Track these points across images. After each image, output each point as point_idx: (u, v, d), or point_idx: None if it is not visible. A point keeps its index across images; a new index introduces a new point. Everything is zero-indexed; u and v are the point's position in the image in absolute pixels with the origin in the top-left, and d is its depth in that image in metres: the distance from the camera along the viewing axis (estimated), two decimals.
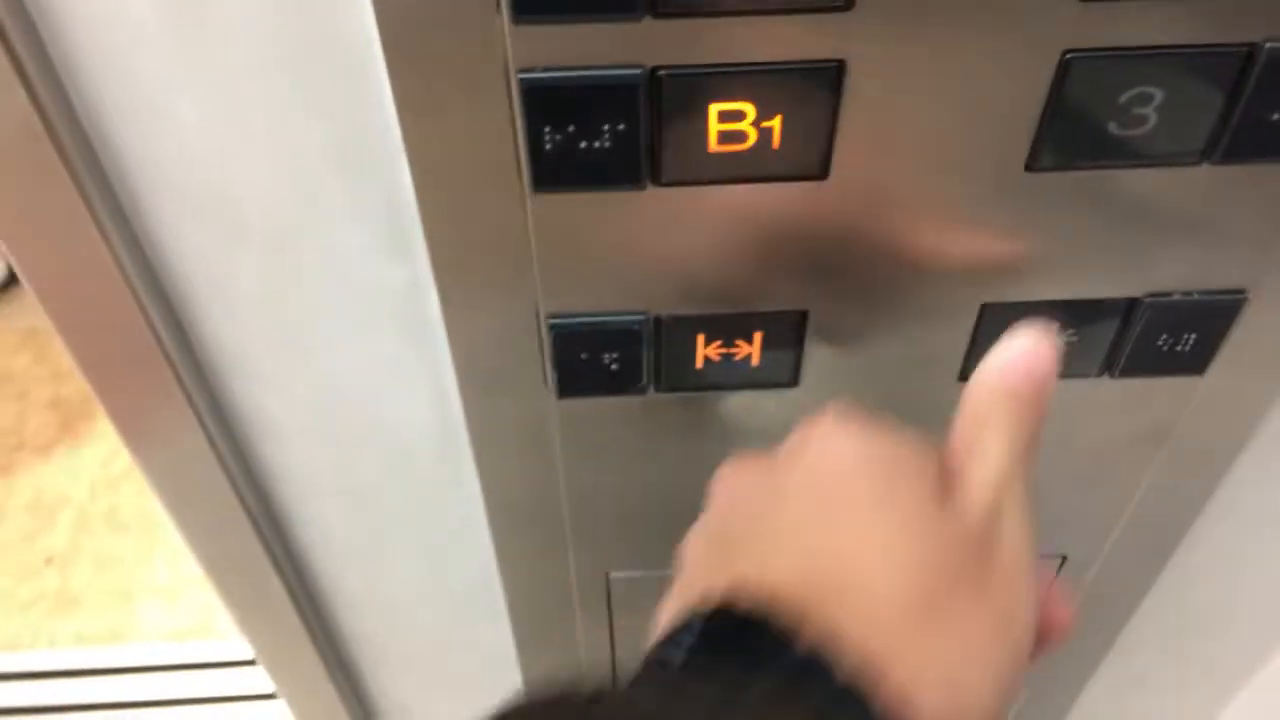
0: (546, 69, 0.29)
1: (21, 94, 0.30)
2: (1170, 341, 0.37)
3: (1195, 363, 0.38)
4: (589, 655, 0.56)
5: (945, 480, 0.31)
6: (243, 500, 0.45)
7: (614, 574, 0.50)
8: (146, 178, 0.35)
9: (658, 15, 0.28)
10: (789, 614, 0.26)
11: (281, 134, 0.34)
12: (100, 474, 1.67)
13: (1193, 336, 0.37)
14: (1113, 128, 0.31)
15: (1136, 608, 0.55)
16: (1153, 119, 0.30)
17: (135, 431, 0.42)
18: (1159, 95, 0.30)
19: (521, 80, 0.29)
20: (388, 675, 0.62)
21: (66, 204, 0.33)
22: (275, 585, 0.50)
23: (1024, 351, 0.31)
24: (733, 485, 0.35)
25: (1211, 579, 0.54)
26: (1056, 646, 0.32)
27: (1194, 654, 0.61)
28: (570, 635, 0.54)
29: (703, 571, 0.31)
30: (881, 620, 0.27)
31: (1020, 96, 0.30)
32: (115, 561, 1.54)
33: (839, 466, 0.31)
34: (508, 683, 0.61)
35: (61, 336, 0.37)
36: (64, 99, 0.32)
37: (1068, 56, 0.29)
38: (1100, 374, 0.39)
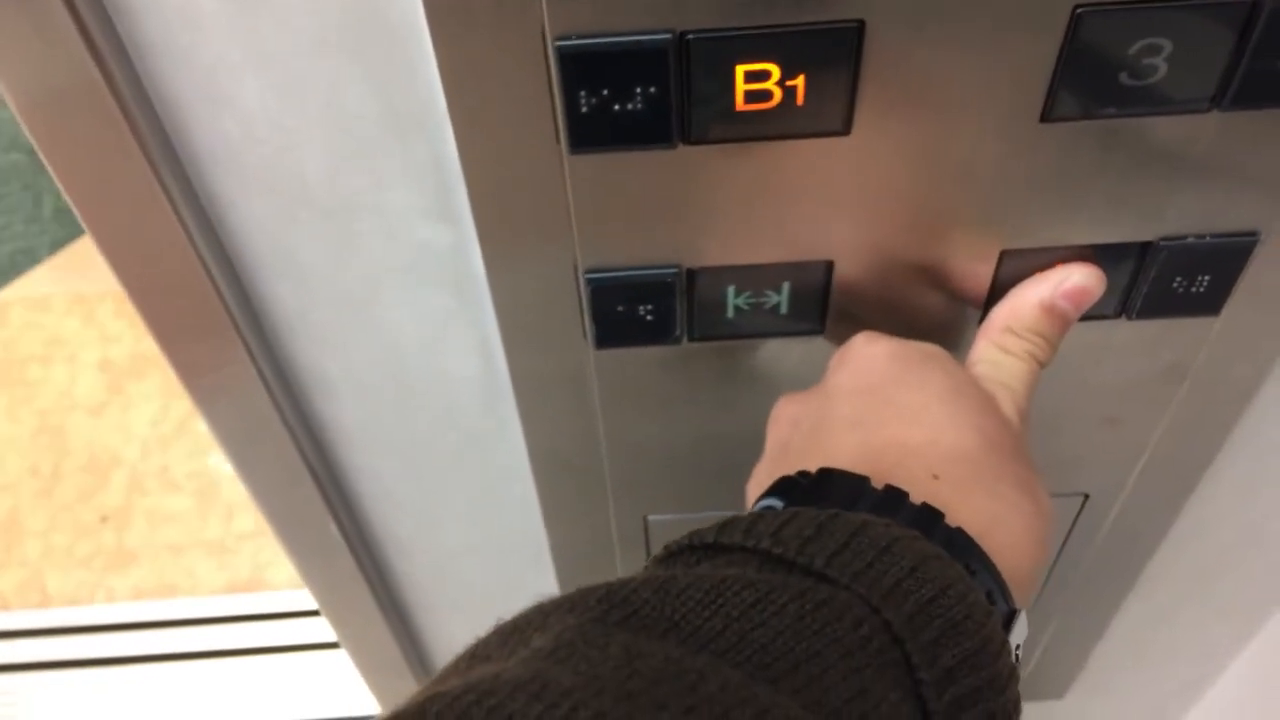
0: (581, 36, 0.30)
1: (96, 75, 0.31)
2: (1185, 283, 0.38)
3: (1210, 303, 0.39)
4: None
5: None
6: (303, 453, 0.47)
7: (652, 517, 0.51)
8: (212, 151, 0.36)
9: None
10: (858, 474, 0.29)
11: (336, 107, 0.35)
12: (150, 434, 1.68)
13: (1207, 278, 0.37)
14: (1124, 78, 0.31)
15: (1159, 545, 0.55)
16: (1163, 68, 0.31)
17: (202, 390, 0.43)
18: (1168, 46, 0.30)
19: (558, 48, 0.30)
20: (438, 619, 0.63)
21: (138, 178, 0.34)
22: (333, 534, 0.51)
23: (1085, 278, 0.36)
24: (785, 415, 0.37)
25: (1233, 515, 0.54)
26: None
27: (1218, 589, 0.61)
28: (611, 577, 0.55)
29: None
30: (936, 474, 0.30)
31: (1034, 50, 0.31)
32: (168, 518, 1.57)
33: (878, 364, 0.34)
34: None
35: (134, 302, 0.38)
36: (135, 79, 0.33)
37: (1078, 10, 0.30)
38: (1118, 316, 0.40)
